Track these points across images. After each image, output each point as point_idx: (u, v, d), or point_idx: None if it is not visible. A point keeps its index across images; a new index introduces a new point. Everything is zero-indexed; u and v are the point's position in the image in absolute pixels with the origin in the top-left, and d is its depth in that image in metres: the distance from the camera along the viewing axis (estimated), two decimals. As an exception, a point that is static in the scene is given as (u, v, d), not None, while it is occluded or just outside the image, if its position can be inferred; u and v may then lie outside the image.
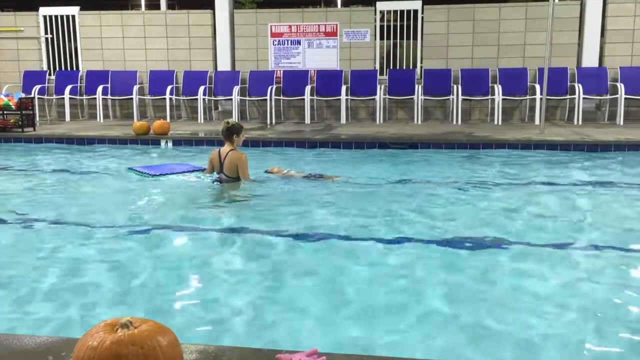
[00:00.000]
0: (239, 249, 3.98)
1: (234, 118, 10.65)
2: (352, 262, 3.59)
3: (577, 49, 10.59)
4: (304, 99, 10.66)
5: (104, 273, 3.40)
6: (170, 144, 8.66)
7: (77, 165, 7.32)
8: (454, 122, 10.28)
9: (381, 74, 11.03)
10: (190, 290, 3.18)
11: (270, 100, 10.63)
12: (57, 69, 12.04)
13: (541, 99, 9.10)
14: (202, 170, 6.45)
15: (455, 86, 10.37)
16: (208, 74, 11.33)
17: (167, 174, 6.30)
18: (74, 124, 10.76)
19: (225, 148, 5.79)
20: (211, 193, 5.67)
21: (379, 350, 2.48)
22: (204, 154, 7.86)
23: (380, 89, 10.55)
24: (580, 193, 5.67)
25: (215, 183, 5.82)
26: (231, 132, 5.75)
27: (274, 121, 10.63)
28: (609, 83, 10.19)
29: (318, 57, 11.24)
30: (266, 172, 6.33)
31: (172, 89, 11.08)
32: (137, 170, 6.49)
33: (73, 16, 11.91)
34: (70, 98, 11.25)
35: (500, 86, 10.13)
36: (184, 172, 6.43)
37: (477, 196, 5.46)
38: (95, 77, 11.54)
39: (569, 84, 10.27)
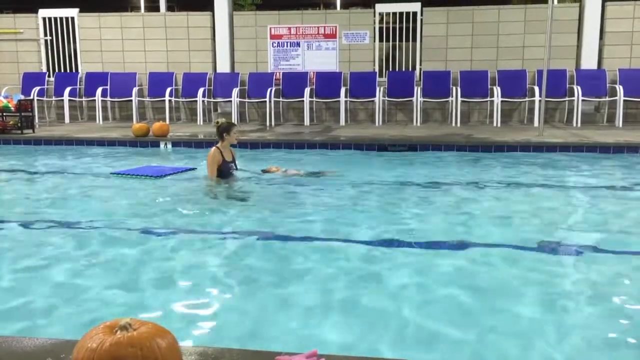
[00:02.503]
0: (236, 250, 3.98)
1: (234, 119, 10.68)
2: (350, 264, 3.59)
3: (576, 51, 10.61)
4: (303, 101, 10.66)
5: (101, 275, 3.40)
6: (169, 146, 8.66)
7: (76, 167, 7.32)
8: (453, 124, 10.29)
9: (380, 75, 11.04)
10: (189, 292, 3.17)
11: (270, 102, 10.63)
12: (57, 70, 12.04)
13: (540, 101, 9.11)
14: (189, 170, 6.55)
15: (454, 88, 10.38)
16: (207, 76, 11.33)
17: (158, 175, 6.33)
18: (73, 125, 10.76)
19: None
20: (200, 193, 5.74)
21: (378, 351, 2.48)
22: (203, 156, 7.90)
23: (380, 90, 10.56)
24: (579, 195, 5.67)
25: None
26: (220, 131, 5.95)
27: (273, 123, 10.63)
28: (607, 85, 10.21)
29: (317, 59, 11.25)
30: (263, 171, 6.37)
31: (171, 90, 11.08)
32: (123, 174, 6.49)
33: (72, 18, 11.92)
34: (69, 100, 11.25)
35: (499, 88, 10.14)
36: (172, 173, 6.47)
37: (476, 198, 5.46)
38: (95, 79, 11.54)
39: (567, 86, 10.28)
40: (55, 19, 11.96)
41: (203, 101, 11.02)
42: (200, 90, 10.92)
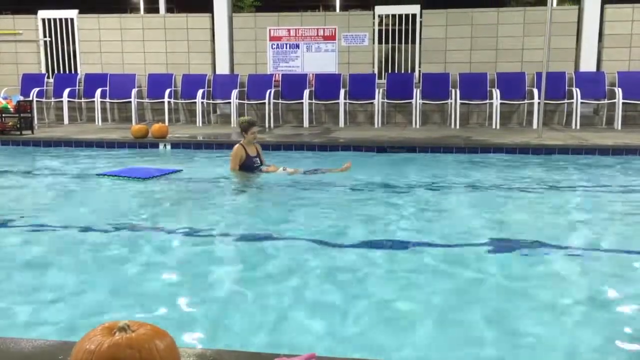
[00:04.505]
0: (235, 251, 3.98)
1: (232, 121, 10.69)
2: (347, 265, 3.59)
3: (575, 53, 10.62)
4: (302, 103, 10.66)
5: (100, 276, 3.40)
6: (168, 147, 8.66)
7: (75, 168, 7.31)
8: (452, 126, 10.29)
9: (380, 77, 11.04)
10: (188, 293, 3.17)
11: (269, 103, 10.63)
12: (56, 72, 12.03)
13: (539, 103, 9.12)
14: (175, 172, 6.59)
15: (453, 90, 10.39)
16: (207, 78, 11.33)
17: (145, 177, 6.32)
18: (72, 127, 10.75)
19: None
20: (188, 194, 5.75)
21: (378, 353, 2.48)
22: (203, 157, 7.90)
23: (379, 92, 10.57)
24: (578, 197, 5.68)
25: None
26: (241, 129, 6.39)
27: (272, 125, 10.63)
28: (606, 87, 10.21)
29: (317, 60, 11.25)
30: (261, 171, 6.40)
31: (170, 92, 11.08)
32: (109, 175, 6.45)
33: (72, 19, 11.91)
34: (68, 101, 11.23)
35: (498, 90, 10.15)
36: (159, 175, 6.46)
37: (475, 200, 5.47)
38: (94, 80, 11.54)
39: (566, 88, 10.29)
40: (55, 20, 11.96)
41: (202, 103, 11.01)
42: (200, 92, 10.92)
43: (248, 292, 3.16)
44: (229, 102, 10.85)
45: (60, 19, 11.95)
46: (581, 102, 9.97)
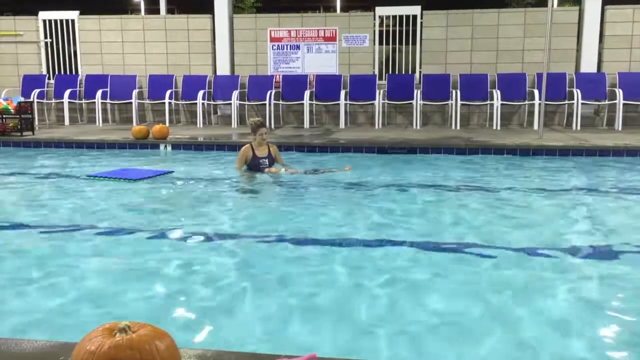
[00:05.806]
0: (236, 251, 3.98)
1: (233, 122, 10.70)
2: (347, 266, 3.59)
3: (576, 54, 10.62)
4: (303, 104, 10.67)
5: (100, 277, 3.39)
6: (169, 149, 8.66)
7: (76, 169, 7.31)
8: (453, 127, 10.30)
9: (380, 78, 11.05)
10: (188, 293, 3.17)
11: (270, 104, 10.64)
12: (57, 73, 12.05)
13: (540, 104, 9.13)
14: (167, 173, 6.60)
15: (454, 91, 10.39)
16: (207, 79, 11.34)
17: (136, 179, 6.30)
18: (73, 128, 10.76)
19: None
20: (181, 196, 5.76)
21: (377, 353, 2.48)
22: (203, 158, 7.91)
23: (379, 93, 10.57)
24: (578, 198, 5.68)
25: None
26: (250, 130, 6.37)
27: (273, 126, 10.64)
28: (607, 88, 10.22)
29: (317, 62, 11.26)
30: (264, 172, 6.43)
31: (171, 93, 11.09)
32: (100, 177, 6.43)
33: (72, 20, 11.93)
34: (69, 102, 11.25)
35: (499, 91, 10.15)
36: (150, 176, 6.46)
37: (475, 201, 5.46)
38: (95, 81, 11.55)
39: (567, 89, 10.29)
40: (56, 21, 11.97)
41: (203, 104, 11.02)
42: (200, 93, 10.93)
43: (247, 292, 3.16)
44: (230, 103, 10.86)
45: (61, 20, 11.96)
46: (582, 103, 9.98)
